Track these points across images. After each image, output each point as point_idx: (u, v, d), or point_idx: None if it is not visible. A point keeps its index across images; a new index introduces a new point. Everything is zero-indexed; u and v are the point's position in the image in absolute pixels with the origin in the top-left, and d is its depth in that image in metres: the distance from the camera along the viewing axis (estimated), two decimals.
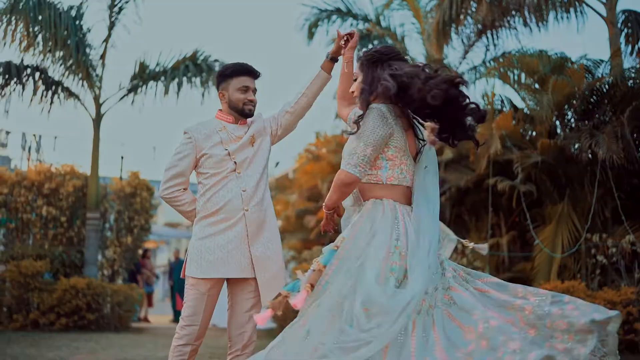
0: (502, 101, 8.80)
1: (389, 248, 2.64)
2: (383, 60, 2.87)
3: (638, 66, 8.07)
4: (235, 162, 3.31)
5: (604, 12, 10.33)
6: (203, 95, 11.52)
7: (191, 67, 11.12)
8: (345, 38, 3.30)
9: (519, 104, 8.79)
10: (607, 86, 7.54)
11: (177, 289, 15.15)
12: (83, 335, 9.29)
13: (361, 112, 2.82)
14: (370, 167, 2.77)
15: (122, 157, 13.59)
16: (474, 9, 10.65)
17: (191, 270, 3.26)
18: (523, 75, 9.17)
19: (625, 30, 10.04)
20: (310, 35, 13.40)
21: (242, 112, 3.41)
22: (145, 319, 14.21)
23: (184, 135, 3.38)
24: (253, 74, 3.44)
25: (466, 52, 13.13)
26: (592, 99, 7.89)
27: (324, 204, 2.95)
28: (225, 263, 3.23)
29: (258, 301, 3.33)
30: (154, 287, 16.61)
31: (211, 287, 3.26)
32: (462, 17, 10.51)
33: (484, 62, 13.21)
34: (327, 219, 3.00)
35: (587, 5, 10.57)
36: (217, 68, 11.40)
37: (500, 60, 12.45)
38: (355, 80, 2.99)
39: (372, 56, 2.90)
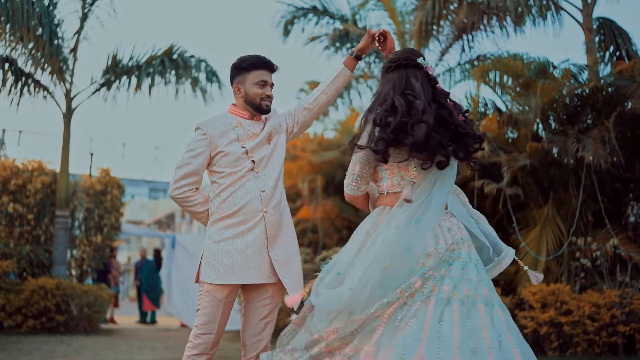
0: (485, 104, 8.79)
1: (360, 245, 2.72)
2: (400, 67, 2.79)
3: (614, 72, 8.13)
4: (253, 161, 3.14)
5: (580, 18, 10.47)
6: (177, 91, 11.26)
7: (167, 62, 10.84)
8: (379, 38, 3.16)
9: (502, 107, 8.79)
10: (593, 91, 7.58)
11: (144, 289, 14.83)
12: (52, 338, 8.94)
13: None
14: (370, 180, 2.86)
15: (91, 154, 13.17)
16: (453, 11, 10.64)
17: (207, 275, 3.06)
18: (506, 79, 9.21)
19: (599, 37, 10.19)
20: (287, 32, 13.25)
21: (259, 108, 3.22)
22: (112, 320, 13.83)
23: (196, 131, 3.18)
24: (271, 67, 3.25)
25: (442, 53, 13.17)
26: (576, 103, 7.93)
27: None
28: (244, 268, 3.05)
29: (275, 307, 3.17)
30: (119, 287, 16.23)
31: (228, 293, 3.08)
32: (442, 18, 10.50)
33: (459, 64, 13.31)
34: None
35: (565, 10, 10.70)
36: (193, 64, 11.15)
37: (482, 63, 12.56)
38: None
39: (387, 66, 2.83)
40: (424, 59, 2.83)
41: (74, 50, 10.68)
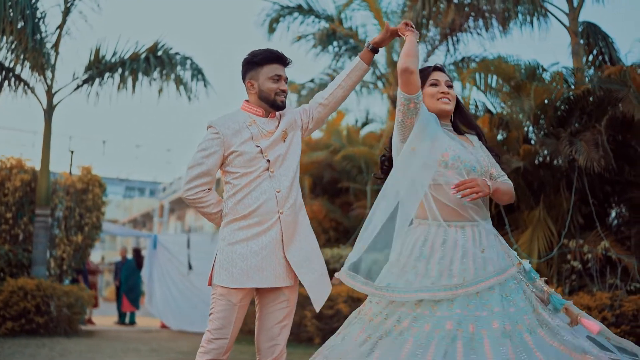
0: (476, 106, 8.78)
1: None
2: None
3: (605, 76, 8.18)
4: (268, 161, 3.03)
5: (567, 21, 10.54)
6: (161, 89, 11.06)
7: (151, 59, 10.64)
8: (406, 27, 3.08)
9: (492, 109, 8.79)
10: (584, 94, 7.60)
11: (123, 290, 14.58)
12: (33, 341, 8.70)
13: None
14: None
15: (72, 152, 12.89)
16: (441, 12, 10.64)
17: (221, 278, 2.95)
18: (495, 80, 9.21)
19: (583, 41, 10.28)
20: (272, 30, 13.17)
21: (273, 104, 3.11)
22: (90, 321, 13.56)
23: (209, 130, 3.06)
24: (284, 61, 3.14)
25: (429, 55, 13.19)
26: (567, 106, 7.95)
27: None
28: (260, 270, 2.94)
29: (291, 311, 3.08)
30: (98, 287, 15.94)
31: (243, 297, 2.97)
32: (432, 19, 10.48)
33: (444, 65, 13.33)
34: None
35: (551, 14, 10.77)
36: (178, 61, 10.97)
37: (467, 64, 12.60)
38: (450, 86, 3.01)
39: None
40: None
41: (56, 45, 10.44)
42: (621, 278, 7.38)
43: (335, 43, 12.66)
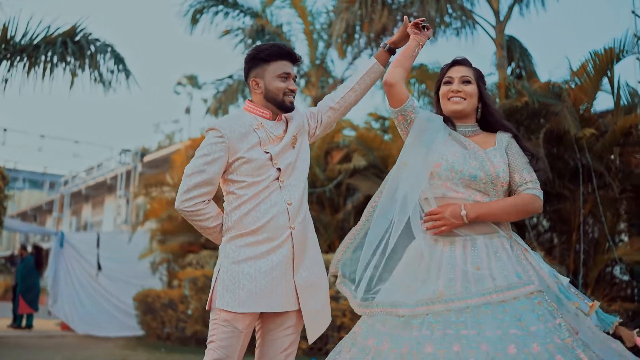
0: None
1: None
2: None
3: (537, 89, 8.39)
4: (278, 169, 2.72)
5: (494, 34, 10.81)
6: (74, 74, 10.24)
7: (69, 43, 9.84)
8: (419, 25, 2.86)
9: None
10: (524, 105, 7.74)
11: (20, 290, 13.47)
12: None
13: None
14: None
15: None
16: (375, 14, 10.59)
17: (225, 302, 2.59)
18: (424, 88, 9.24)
19: (505, 54, 10.60)
20: (195, 21, 12.68)
21: (281, 105, 2.80)
22: None
23: (211, 132, 2.70)
24: (293, 57, 2.83)
25: (355, 57, 13.15)
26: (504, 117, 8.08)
27: None
28: (269, 293, 2.61)
29: (297, 337, 2.77)
30: None
31: (250, 322, 2.63)
32: (367, 22, 10.41)
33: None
34: None
35: (480, 25, 11.00)
36: (98, 48, 10.22)
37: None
38: (466, 81, 2.77)
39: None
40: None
41: None
42: None
43: (266, 38, 12.33)
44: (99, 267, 11.72)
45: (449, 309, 2.42)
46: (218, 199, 2.78)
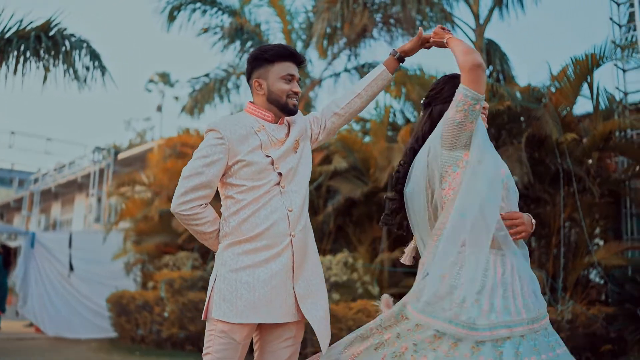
0: (394, 114, 8.73)
1: None
2: None
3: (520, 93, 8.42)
4: (279, 174, 2.61)
5: (473, 37, 10.85)
6: (47, 69, 9.97)
7: (43, 38, 9.57)
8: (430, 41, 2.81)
9: (412, 119, 8.79)
10: (507, 109, 7.75)
11: None
12: None
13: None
14: None
15: None
16: (356, 15, 10.54)
17: (221, 312, 2.48)
18: (406, 92, 9.23)
19: (485, 57, 10.66)
20: (172, 18, 12.51)
21: (284, 108, 2.69)
22: None
23: (211, 133, 2.59)
24: (298, 59, 2.73)
25: (333, 58, 13.09)
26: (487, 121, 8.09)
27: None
28: (268, 303, 2.50)
29: (297, 349, 2.67)
30: None
31: (247, 333, 2.53)
32: (347, 23, 10.36)
33: (346, 69, 13.37)
34: None
35: (460, 28, 11.03)
36: (73, 43, 9.96)
37: (369, 70, 12.66)
38: None
39: None
40: None
41: None
42: None
43: (244, 36, 12.20)
44: (71, 268, 11.45)
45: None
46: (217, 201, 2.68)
